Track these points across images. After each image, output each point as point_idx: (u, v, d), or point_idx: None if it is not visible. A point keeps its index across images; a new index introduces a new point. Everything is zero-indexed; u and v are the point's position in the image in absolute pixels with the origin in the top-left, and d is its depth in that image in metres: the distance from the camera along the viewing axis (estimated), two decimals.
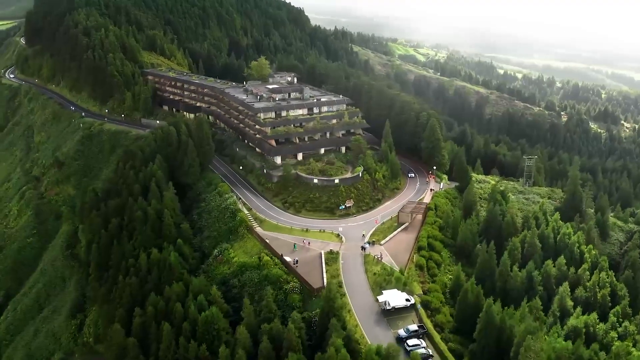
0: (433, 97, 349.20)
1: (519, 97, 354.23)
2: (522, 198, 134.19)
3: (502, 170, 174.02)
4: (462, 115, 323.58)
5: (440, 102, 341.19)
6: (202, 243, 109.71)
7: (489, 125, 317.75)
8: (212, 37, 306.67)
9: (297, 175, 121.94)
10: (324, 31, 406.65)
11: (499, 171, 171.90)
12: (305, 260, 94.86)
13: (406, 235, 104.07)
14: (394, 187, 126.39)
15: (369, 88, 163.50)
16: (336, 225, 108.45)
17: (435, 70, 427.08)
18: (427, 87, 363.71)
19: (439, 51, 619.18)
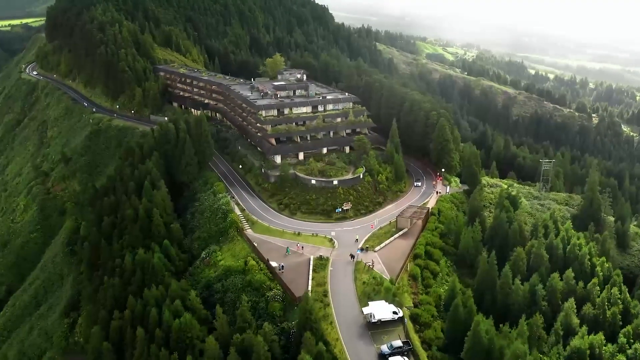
0: (458, 96, 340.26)
1: (549, 98, 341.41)
2: (536, 204, 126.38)
3: (521, 173, 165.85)
4: (487, 115, 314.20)
5: (465, 102, 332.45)
6: (192, 244, 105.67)
7: (515, 127, 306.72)
8: (233, 34, 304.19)
9: (295, 176, 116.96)
10: (348, 29, 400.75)
11: (516, 175, 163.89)
12: (292, 266, 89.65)
13: (403, 241, 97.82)
14: (397, 190, 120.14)
15: (380, 86, 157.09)
16: (331, 229, 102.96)
17: (462, 69, 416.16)
18: (452, 87, 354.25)
19: (469, 50, 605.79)
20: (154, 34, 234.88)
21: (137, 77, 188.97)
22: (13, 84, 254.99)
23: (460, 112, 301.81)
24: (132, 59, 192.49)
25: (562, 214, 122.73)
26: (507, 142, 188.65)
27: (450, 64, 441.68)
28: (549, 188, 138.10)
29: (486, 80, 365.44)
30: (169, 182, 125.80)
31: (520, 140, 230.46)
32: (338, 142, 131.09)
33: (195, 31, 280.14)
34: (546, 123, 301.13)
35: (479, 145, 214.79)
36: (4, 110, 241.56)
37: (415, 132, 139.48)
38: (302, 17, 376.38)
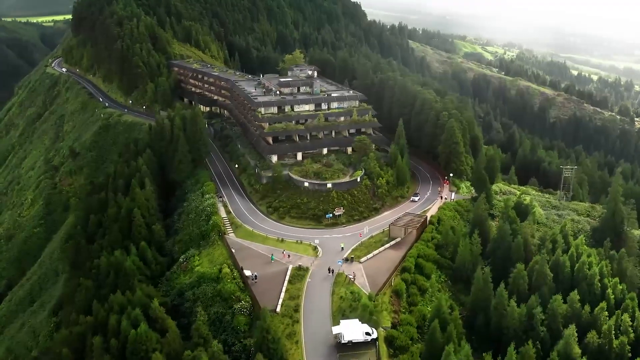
0: (492, 97, 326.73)
1: (590, 100, 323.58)
2: (553, 214, 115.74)
3: (545, 180, 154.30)
4: (523, 117, 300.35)
5: (500, 103, 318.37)
6: (173, 247, 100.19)
7: (552, 130, 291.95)
8: (260, 31, 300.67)
9: (288, 177, 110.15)
10: (380, 27, 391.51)
11: (540, 181, 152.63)
12: (267, 276, 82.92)
13: (394, 252, 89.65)
14: (398, 195, 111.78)
15: (393, 83, 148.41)
16: (319, 235, 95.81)
17: (500, 69, 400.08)
18: (486, 87, 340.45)
19: (510, 49, 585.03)
20: (175, 29, 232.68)
21: (150, 72, 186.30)
22: (37, 78, 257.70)
23: (493, 113, 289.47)
24: (147, 54, 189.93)
25: (581, 226, 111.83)
26: (533, 145, 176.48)
27: (487, 63, 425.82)
28: (570, 197, 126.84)
29: (523, 81, 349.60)
30: (161, 180, 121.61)
31: (551, 143, 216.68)
32: (340, 143, 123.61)
33: (221, 27, 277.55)
34: (585, 126, 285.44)
35: (505, 148, 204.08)
36: (27, 104, 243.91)
37: (426, 133, 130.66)
38: (332, 14, 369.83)
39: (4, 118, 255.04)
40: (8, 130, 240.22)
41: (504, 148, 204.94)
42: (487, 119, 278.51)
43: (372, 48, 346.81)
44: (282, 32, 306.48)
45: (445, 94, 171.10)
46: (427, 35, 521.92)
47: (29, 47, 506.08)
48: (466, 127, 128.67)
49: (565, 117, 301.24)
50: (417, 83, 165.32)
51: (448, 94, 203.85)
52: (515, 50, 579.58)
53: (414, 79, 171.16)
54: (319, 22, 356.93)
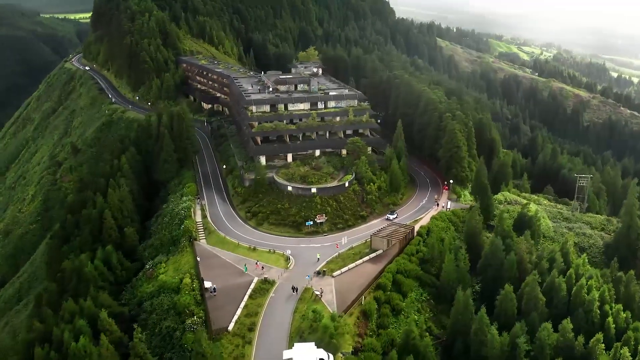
0: (522, 98, 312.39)
1: (627, 103, 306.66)
2: (563, 227, 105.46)
3: (563, 188, 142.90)
4: (554, 120, 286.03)
5: (530, 104, 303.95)
6: (144, 252, 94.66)
7: (585, 134, 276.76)
8: (283, 28, 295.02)
9: (272, 180, 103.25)
10: (407, 24, 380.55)
11: (558, 189, 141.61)
12: (228, 289, 76.21)
13: (372, 266, 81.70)
14: (389, 202, 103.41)
15: (399, 82, 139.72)
16: (297, 244, 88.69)
17: (533, 69, 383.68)
18: (516, 87, 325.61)
19: (548, 50, 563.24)
20: (190, 25, 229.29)
21: (158, 67, 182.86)
22: (55, 73, 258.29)
23: (522, 115, 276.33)
24: (155, 50, 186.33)
25: (593, 241, 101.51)
26: (554, 150, 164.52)
27: (520, 64, 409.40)
28: (585, 208, 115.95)
29: (557, 82, 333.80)
30: (146, 180, 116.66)
31: (577, 149, 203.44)
32: (334, 144, 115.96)
33: (242, 23, 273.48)
34: (620, 131, 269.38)
35: (527, 152, 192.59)
36: (44, 99, 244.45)
37: (428, 136, 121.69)
38: (359, 11, 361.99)
39: (23, 112, 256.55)
40: (25, 125, 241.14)
41: (526, 152, 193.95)
42: (515, 121, 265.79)
43: (398, 46, 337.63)
44: (304, 29, 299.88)
45: (462, 93, 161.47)
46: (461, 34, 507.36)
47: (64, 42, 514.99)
48: (471, 130, 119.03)
49: (600, 121, 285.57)
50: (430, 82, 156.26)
51: (468, 93, 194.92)
52: (552, 51, 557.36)
53: (425, 77, 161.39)
54: (345, 19, 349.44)
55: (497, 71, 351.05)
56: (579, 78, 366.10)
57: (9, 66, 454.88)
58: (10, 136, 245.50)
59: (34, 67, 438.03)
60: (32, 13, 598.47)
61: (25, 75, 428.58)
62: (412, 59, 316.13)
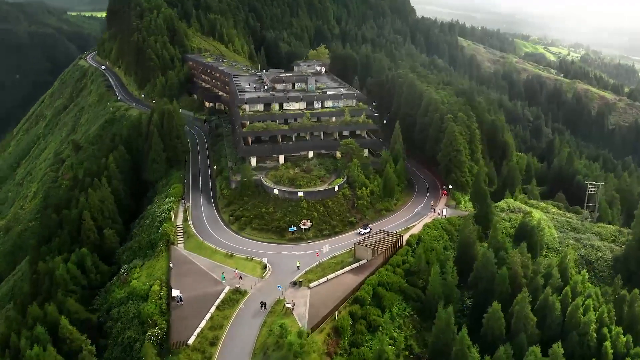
0: (545, 99, 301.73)
1: None
2: (570, 238, 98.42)
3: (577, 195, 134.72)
4: (578, 123, 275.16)
5: (553, 106, 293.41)
6: (122, 255, 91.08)
7: (610, 137, 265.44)
8: (299, 26, 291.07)
9: (259, 183, 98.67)
10: (428, 23, 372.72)
11: (571, 196, 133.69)
12: (195, 299, 71.92)
13: (353, 278, 76.41)
14: (383, 208, 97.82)
15: (403, 81, 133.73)
16: (276, 252, 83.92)
17: (559, 70, 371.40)
18: (540, 89, 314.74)
19: (576, 50, 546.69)
20: (201, 22, 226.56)
21: (163, 65, 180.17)
22: (69, 70, 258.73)
23: (544, 117, 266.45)
24: (162, 47, 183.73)
25: (601, 254, 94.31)
26: (569, 155, 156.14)
27: (546, 64, 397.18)
28: (596, 218, 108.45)
29: (582, 84, 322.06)
30: (135, 180, 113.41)
31: (597, 153, 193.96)
32: (328, 146, 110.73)
33: (258, 21, 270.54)
34: None
35: (542, 157, 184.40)
36: (57, 95, 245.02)
37: (429, 138, 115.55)
38: (378, 10, 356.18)
39: (37, 109, 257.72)
40: (37, 121, 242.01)
41: (543, 156, 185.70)
42: (536, 124, 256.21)
43: (418, 45, 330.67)
44: (320, 28, 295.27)
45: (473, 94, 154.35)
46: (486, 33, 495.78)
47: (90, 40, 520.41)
48: (475, 132, 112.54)
49: (626, 124, 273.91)
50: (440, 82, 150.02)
51: (483, 94, 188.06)
52: (580, 52, 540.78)
53: (435, 77, 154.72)
54: (364, 17, 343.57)
55: (520, 72, 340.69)
56: (605, 80, 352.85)
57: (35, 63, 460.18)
58: (23, 132, 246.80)
59: (59, 64, 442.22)
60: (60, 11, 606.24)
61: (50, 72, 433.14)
62: (431, 58, 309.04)
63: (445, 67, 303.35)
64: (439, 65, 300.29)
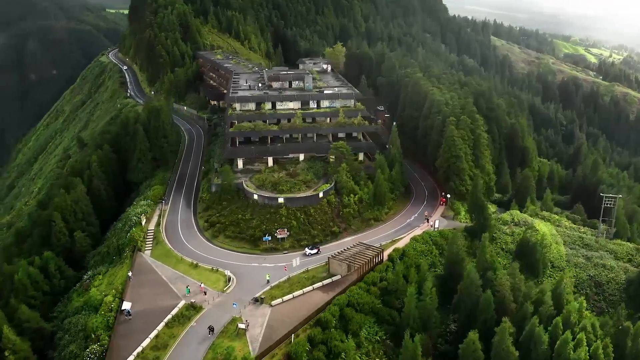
0: (581, 102, 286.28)
1: None
2: (581, 256, 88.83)
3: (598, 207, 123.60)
4: (615, 127, 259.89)
5: (589, 110, 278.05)
6: (91, 260, 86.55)
7: None
8: (324, 24, 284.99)
9: (241, 187, 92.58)
10: (459, 22, 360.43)
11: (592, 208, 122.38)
12: (147, 313, 66.38)
13: (323, 296, 69.46)
14: (371, 217, 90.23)
15: (408, 81, 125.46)
16: (246, 263, 77.70)
17: (597, 72, 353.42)
18: (575, 91, 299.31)
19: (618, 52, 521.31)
20: (219, 19, 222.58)
21: (173, 62, 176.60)
22: (90, 66, 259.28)
23: (579, 121, 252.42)
24: (173, 43, 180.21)
25: (613, 275, 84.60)
26: (595, 162, 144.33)
27: (584, 66, 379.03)
28: (613, 234, 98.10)
29: (621, 87, 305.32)
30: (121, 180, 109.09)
31: (628, 160, 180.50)
32: (320, 148, 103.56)
33: (282, 19, 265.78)
34: None
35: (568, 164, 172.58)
36: (77, 91, 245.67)
37: (432, 142, 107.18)
38: (408, 8, 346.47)
39: (58, 104, 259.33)
40: (57, 117, 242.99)
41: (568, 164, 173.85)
42: (569, 128, 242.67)
43: (448, 45, 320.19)
44: (344, 26, 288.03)
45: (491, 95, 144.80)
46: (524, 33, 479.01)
47: None
48: (480, 137, 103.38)
49: None
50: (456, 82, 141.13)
51: (510, 95, 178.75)
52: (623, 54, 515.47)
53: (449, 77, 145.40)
54: (392, 16, 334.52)
55: (556, 73, 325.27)
56: None
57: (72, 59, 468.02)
58: (44, 127, 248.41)
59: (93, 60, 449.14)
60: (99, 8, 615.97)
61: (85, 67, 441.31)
62: (460, 58, 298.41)
63: (474, 67, 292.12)
64: (467, 65, 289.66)
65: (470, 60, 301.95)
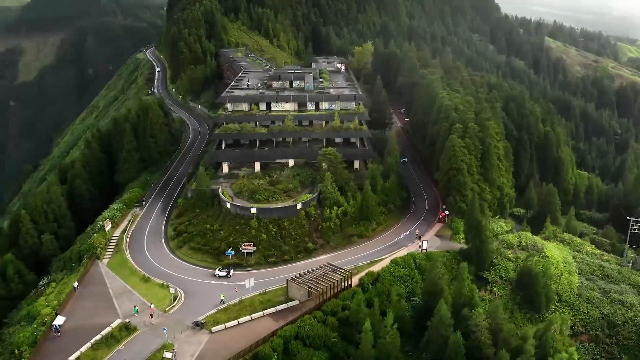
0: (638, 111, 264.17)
1: None
2: (595, 290, 76.88)
3: None
4: None
5: None
6: (55, 265, 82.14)
7: None
8: (364, 22, 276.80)
9: (217, 194, 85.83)
10: (511, 22, 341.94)
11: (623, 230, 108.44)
12: (80, 330, 60.53)
13: (272, 324, 61.35)
14: (354, 234, 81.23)
15: (422, 83, 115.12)
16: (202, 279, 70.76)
17: None
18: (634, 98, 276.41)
19: None
20: (251, 17, 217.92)
21: (195, 59, 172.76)
22: (126, 63, 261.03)
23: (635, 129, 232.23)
24: (195, 40, 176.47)
25: (632, 314, 71.94)
26: (637, 179, 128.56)
27: None
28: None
29: None
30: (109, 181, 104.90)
31: None
32: (311, 154, 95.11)
33: (321, 17, 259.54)
34: None
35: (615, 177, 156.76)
36: (112, 87, 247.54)
37: (437, 151, 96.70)
38: (457, 7, 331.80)
39: (95, 100, 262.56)
40: (92, 112, 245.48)
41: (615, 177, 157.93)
42: (624, 137, 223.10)
43: (497, 45, 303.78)
44: (386, 24, 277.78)
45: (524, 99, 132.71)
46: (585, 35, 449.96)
47: None
48: (491, 148, 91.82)
49: None
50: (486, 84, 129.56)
51: (554, 100, 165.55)
52: None
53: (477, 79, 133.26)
54: (440, 14, 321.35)
55: (614, 78, 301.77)
56: None
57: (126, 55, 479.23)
58: (80, 122, 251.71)
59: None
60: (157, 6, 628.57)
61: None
62: (508, 59, 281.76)
63: (523, 69, 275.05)
64: (515, 67, 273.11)
65: (520, 62, 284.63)
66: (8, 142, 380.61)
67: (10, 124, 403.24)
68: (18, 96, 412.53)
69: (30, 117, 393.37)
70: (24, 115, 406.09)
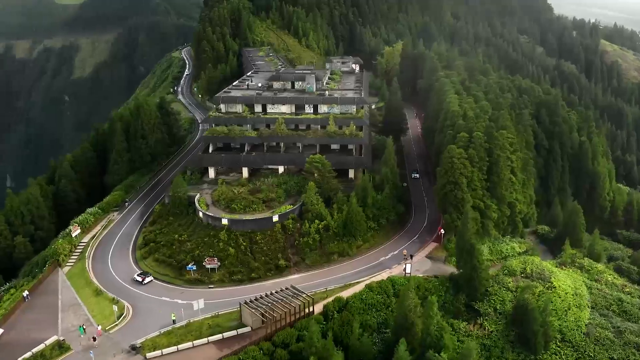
0: None
1: None
2: (608, 328, 66.45)
3: None
4: None
5: None
6: (23, 269, 78.76)
7: None
8: (405, 22, 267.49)
9: (193, 201, 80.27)
10: (563, 23, 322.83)
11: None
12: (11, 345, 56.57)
13: (215, 353, 54.95)
14: (335, 251, 73.56)
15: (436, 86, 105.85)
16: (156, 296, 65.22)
17: None
18: None
19: None
20: (283, 15, 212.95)
21: (217, 57, 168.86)
22: (161, 61, 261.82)
23: None
24: (219, 39, 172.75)
25: None
26: None
27: None
28: None
29: None
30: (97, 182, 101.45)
31: None
32: (301, 161, 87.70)
33: (360, 17, 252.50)
34: None
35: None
36: (145, 85, 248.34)
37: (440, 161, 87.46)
38: (506, 8, 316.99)
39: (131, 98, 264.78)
40: None
41: None
42: None
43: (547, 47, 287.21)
44: (427, 25, 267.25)
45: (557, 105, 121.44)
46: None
47: None
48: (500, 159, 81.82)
49: None
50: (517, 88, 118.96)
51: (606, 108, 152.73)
52: None
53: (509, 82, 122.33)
54: (487, 15, 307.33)
55: None
56: None
57: None
58: None
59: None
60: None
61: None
62: (557, 62, 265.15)
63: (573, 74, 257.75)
64: (564, 71, 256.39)
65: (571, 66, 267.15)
66: (63, 137, 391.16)
67: (65, 118, 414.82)
68: (73, 92, 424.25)
69: (85, 113, 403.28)
70: (78, 110, 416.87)
